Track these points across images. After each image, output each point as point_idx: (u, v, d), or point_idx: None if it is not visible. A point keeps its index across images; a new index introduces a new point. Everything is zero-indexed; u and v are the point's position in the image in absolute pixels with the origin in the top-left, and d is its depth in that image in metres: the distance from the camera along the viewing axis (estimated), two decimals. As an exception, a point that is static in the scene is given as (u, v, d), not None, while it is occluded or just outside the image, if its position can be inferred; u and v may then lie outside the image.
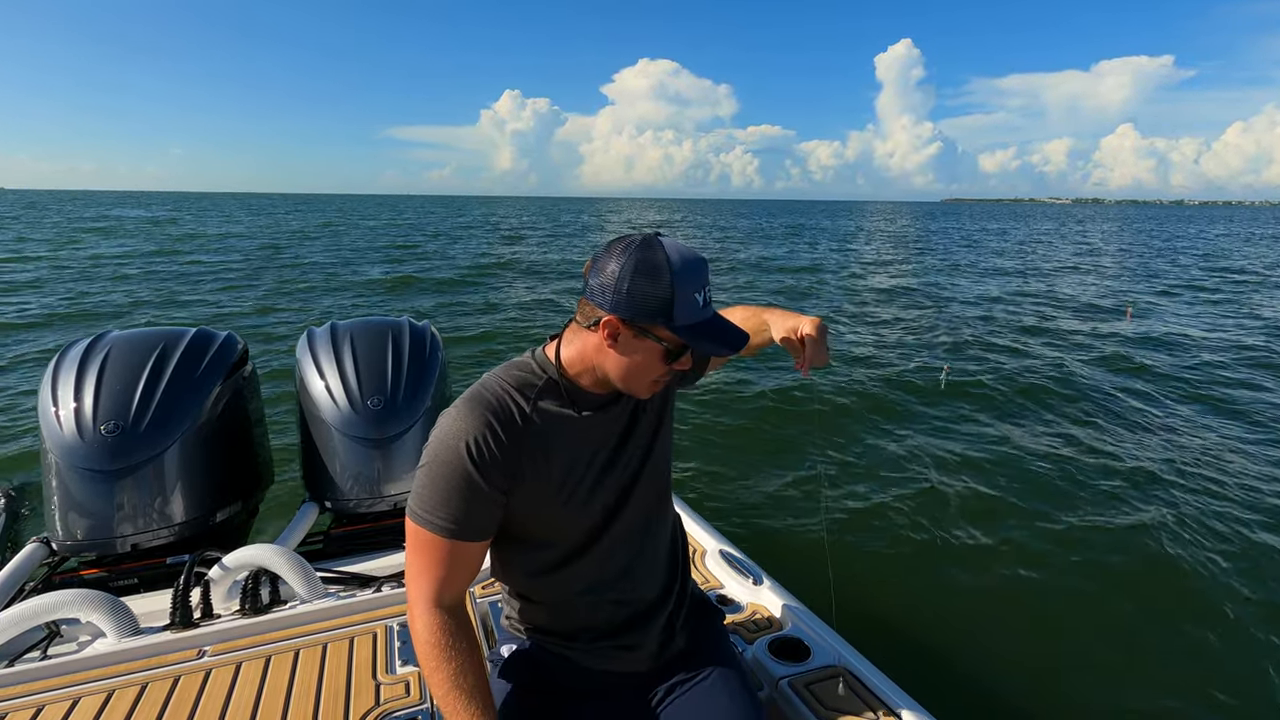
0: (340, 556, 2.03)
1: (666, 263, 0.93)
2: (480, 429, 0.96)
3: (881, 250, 23.71)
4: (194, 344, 2.04)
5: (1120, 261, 19.99)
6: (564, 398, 1.04)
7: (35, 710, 1.28)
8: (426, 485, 0.97)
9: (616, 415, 1.09)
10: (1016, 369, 7.25)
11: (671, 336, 0.96)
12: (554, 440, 1.02)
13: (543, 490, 1.02)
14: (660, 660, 1.16)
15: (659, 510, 1.17)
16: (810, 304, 12.08)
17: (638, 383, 1.01)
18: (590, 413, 1.05)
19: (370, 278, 13.98)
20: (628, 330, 0.96)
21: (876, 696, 1.31)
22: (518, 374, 1.04)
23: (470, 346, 8.17)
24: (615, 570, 1.11)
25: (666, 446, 1.18)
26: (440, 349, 2.34)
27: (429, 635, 0.97)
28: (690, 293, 0.94)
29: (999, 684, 2.48)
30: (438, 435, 0.98)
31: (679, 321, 0.94)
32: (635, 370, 0.99)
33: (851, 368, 7.35)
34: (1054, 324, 9.99)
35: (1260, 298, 12.86)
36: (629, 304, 0.93)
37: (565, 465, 1.03)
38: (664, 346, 0.97)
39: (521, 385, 1.02)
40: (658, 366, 0.99)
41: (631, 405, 1.10)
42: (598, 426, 1.06)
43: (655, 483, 1.15)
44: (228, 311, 9.90)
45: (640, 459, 1.11)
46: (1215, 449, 4.92)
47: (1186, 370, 7.17)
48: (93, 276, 13.12)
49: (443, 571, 0.98)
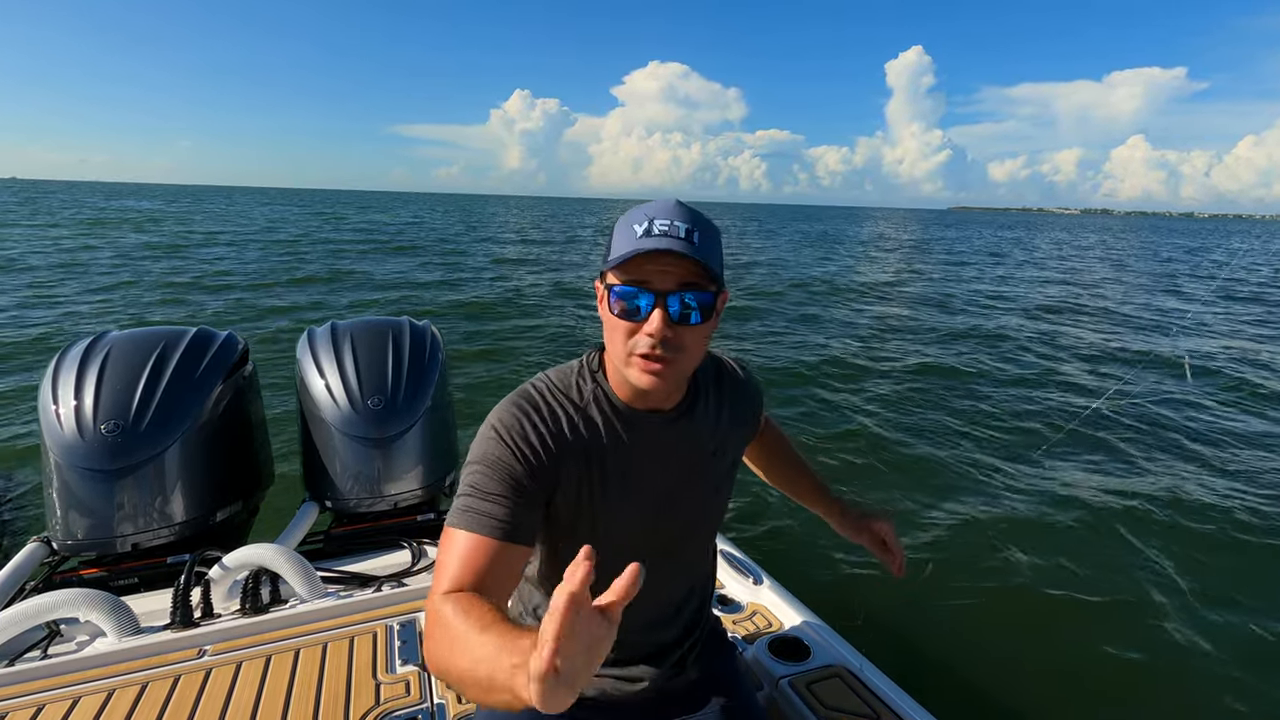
0: (340, 556, 2.03)
1: (632, 210, 0.87)
2: (526, 431, 0.90)
3: (910, 261, 22.24)
4: (194, 343, 2.04)
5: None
6: (608, 410, 0.96)
7: (35, 710, 1.28)
8: (473, 478, 0.88)
9: (667, 441, 0.99)
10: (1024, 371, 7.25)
11: (608, 277, 0.86)
12: (598, 452, 0.94)
13: (576, 507, 0.95)
14: (666, 690, 1.12)
15: (697, 560, 1.12)
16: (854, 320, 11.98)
17: (617, 353, 0.88)
18: (636, 430, 0.96)
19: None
20: (600, 291, 0.89)
21: (877, 696, 1.31)
22: (568, 379, 0.98)
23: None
24: (631, 611, 1.05)
25: (721, 503, 1.10)
26: (440, 349, 2.34)
27: (436, 618, 0.76)
28: (630, 224, 0.84)
29: (999, 684, 2.48)
30: (486, 431, 0.92)
31: (612, 254, 0.84)
32: (608, 337, 0.90)
33: (867, 374, 7.36)
34: (1102, 342, 9.98)
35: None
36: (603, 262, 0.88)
37: (605, 485, 0.95)
38: (605, 289, 0.87)
39: (573, 391, 0.96)
40: (612, 320, 0.86)
41: (688, 444, 1.01)
42: (646, 447, 0.97)
43: (697, 534, 1.07)
44: (231, 311, 9.91)
45: (687, 505, 1.02)
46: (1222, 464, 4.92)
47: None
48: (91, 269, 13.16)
49: (473, 569, 0.82)
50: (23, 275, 12.16)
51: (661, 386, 0.88)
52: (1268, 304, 13.52)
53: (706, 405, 1.04)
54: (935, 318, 10.96)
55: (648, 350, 0.84)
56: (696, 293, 0.84)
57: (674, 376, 0.88)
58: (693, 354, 0.88)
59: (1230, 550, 3.49)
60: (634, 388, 0.92)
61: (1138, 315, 11.74)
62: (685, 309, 0.84)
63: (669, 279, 0.83)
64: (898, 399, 6.17)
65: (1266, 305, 13.33)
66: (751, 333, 9.47)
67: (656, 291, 0.83)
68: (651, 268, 0.83)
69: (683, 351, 0.86)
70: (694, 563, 1.12)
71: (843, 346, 8.54)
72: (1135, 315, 11.73)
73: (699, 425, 1.02)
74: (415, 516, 2.19)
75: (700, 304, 0.85)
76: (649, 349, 0.84)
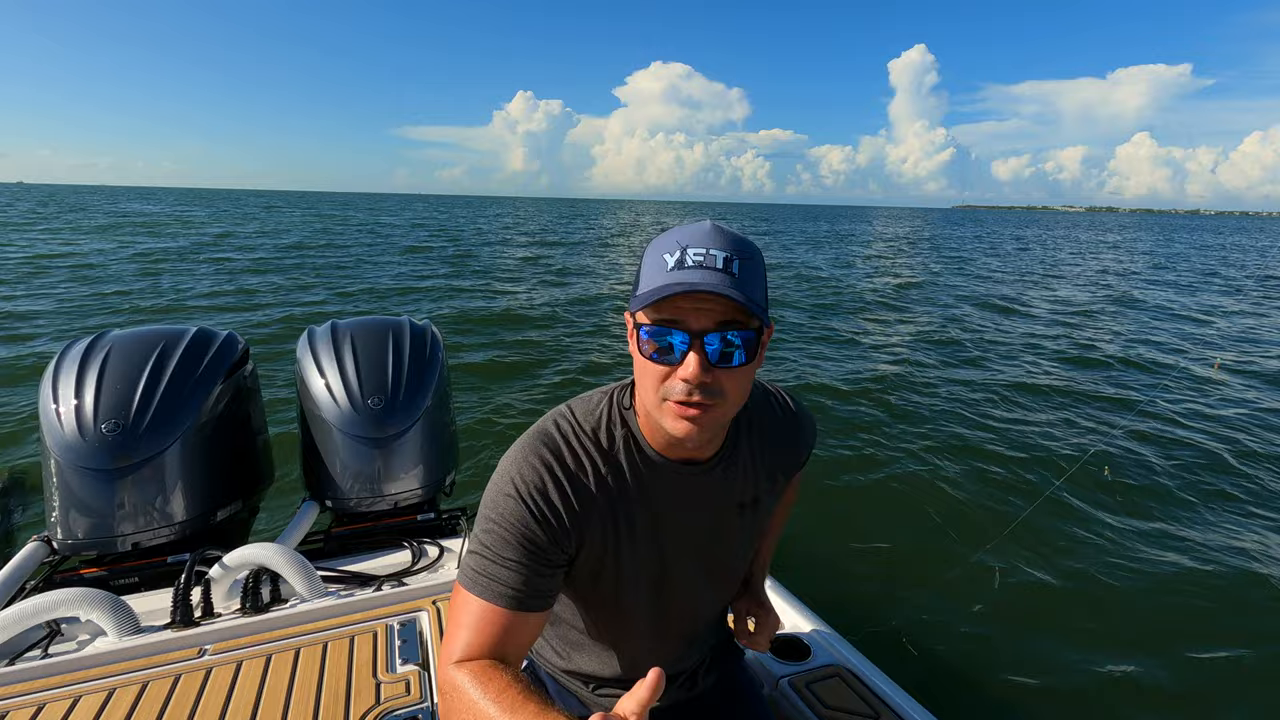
0: (341, 555, 2.04)
1: (662, 235, 0.78)
2: (548, 489, 0.83)
3: (927, 261, 21.85)
4: (194, 343, 2.04)
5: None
6: (638, 459, 0.88)
7: (36, 709, 1.28)
8: (488, 538, 0.83)
9: (702, 493, 0.91)
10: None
11: (638, 315, 0.77)
12: (627, 506, 0.87)
13: (598, 564, 0.90)
14: (681, 704, 1.11)
15: (724, 598, 1.07)
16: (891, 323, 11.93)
17: (650, 399, 0.80)
18: (668, 481, 0.89)
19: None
20: (630, 326, 0.81)
21: (877, 696, 1.31)
22: (596, 421, 0.89)
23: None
24: (660, 645, 1.02)
25: (753, 547, 1.04)
26: (441, 348, 2.34)
27: (451, 690, 0.78)
28: (660, 252, 0.75)
29: (999, 684, 2.48)
30: (501, 481, 0.84)
31: (641, 288, 0.76)
32: (639, 378, 0.81)
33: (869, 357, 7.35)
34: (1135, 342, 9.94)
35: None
36: (631, 297, 0.79)
37: (631, 542, 0.89)
38: (635, 328, 0.79)
39: (601, 434, 0.88)
40: (644, 365, 0.78)
41: (723, 496, 0.93)
42: (678, 499, 0.90)
43: (725, 581, 1.03)
44: (237, 310, 9.91)
45: (717, 557, 0.97)
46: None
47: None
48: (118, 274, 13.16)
49: (487, 638, 0.80)
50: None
51: (698, 435, 0.78)
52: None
53: (748, 453, 0.95)
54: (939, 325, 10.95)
55: (684, 397, 0.75)
56: (739, 331, 0.74)
57: (712, 424, 0.79)
58: (734, 399, 0.79)
59: (1232, 550, 3.49)
60: (667, 435, 0.82)
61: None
62: (726, 349, 0.75)
63: (706, 317, 0.74)
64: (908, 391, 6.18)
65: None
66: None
67: (692, 332, 0.74)
68: (687, 304, 0.73)
69: (722, 397, 0.77)
70: (719, 601, 1.07)
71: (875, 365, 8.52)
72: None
73: (736, 476, 0.94)
74: (415, 516, 2.20)
75: (744, 343, 0.75)
76: (685, 395, 0.75)
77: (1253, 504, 4.04)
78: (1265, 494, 4.20)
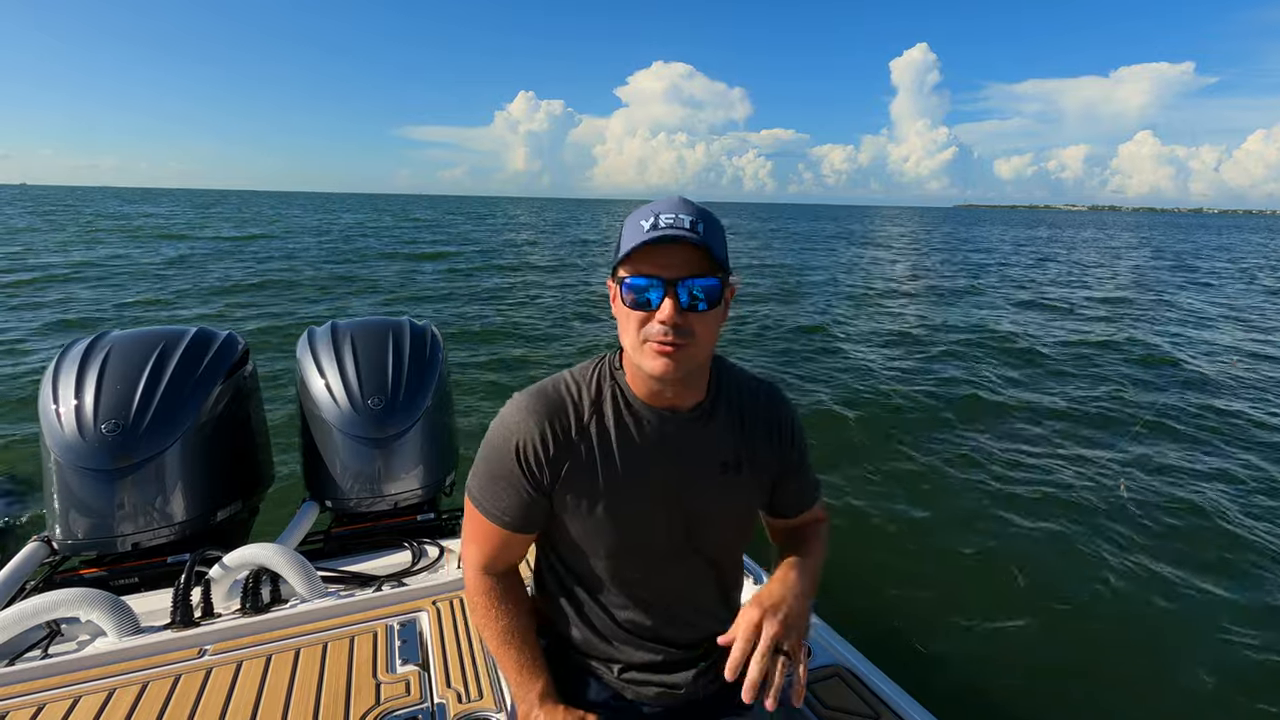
0: (341, 556, 2.03)
1: (639, 208, 0.92)
2: (531, 430, 0.96)
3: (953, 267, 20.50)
4: (194, 343, 2.04)
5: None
6: (623, 406, 1.00)
7: (36, 709, 1.28)
8: (481, 469, 1.02)
9: (681, 441, 1.00)
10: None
11: (619, 271, 0.91)
12: (606, 450, 0.98)
13: (585, 502, 0.99)
14: (698, 694, 1.10)
15: (725, 566, 1.11)
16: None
17: (631, 343, 0.92)
18: (649, 427, 0.99)
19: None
20: (612, 288, 0.94)
21: (877, 696, 1.31)
22: (588, 376, 1.02)
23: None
24: (658, 608, 1.06)
25: (749, 516, 1.10)
26: (441, 348, 2.34)
27: (476, 597, 1.05)
28: (637, 220, 0.90)
29: (999, 684, 2.48)
30: (498, 424, 1.00)
31: (622, 249, 0.89)
32: (622, 330, 0.93)
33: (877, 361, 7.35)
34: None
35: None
36: (613, 261, 0.93)
37: (613, 481, 0.98)
38: (617, 284, 0.92)
39: (589, 388, 1.01)
40: (625, 312, 0.91)
41: (704, 449, 1.01)
42: (658, 445, 0.99)
43: (717, 538, 1.06)
44: (239, 311, 9.91)
45: (702, 506, 1.02)
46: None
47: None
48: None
49: (491, 549, 1.04)
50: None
51: (674, 370, 0.90)
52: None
53: (729, 416, 1.04)
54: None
55: (661, 337, 0.88)
56: (704, 280, 0.88)
57: (686, 361, 0.91)
58: (703, 341, 0.91)
59: (1235, 552, 3.49)
60: (651, 385, 0.97)
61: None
62: (694, 297, 0.88)
63: (677, 269, 0.87)
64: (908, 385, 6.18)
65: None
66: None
67: (666, 280, 0.87)
68: (661, 259, 0.87)
69: (694, 337, 0.90)
70: (721, 568, 1.10)
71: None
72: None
73: (717, 433, 1.02)
74: (415, 516, 2.19)
75: (708, 290, 0.89)
76: (662, 335, 0.88)
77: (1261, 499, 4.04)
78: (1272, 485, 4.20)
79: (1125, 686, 2.52)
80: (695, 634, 1.09)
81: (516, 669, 1.02)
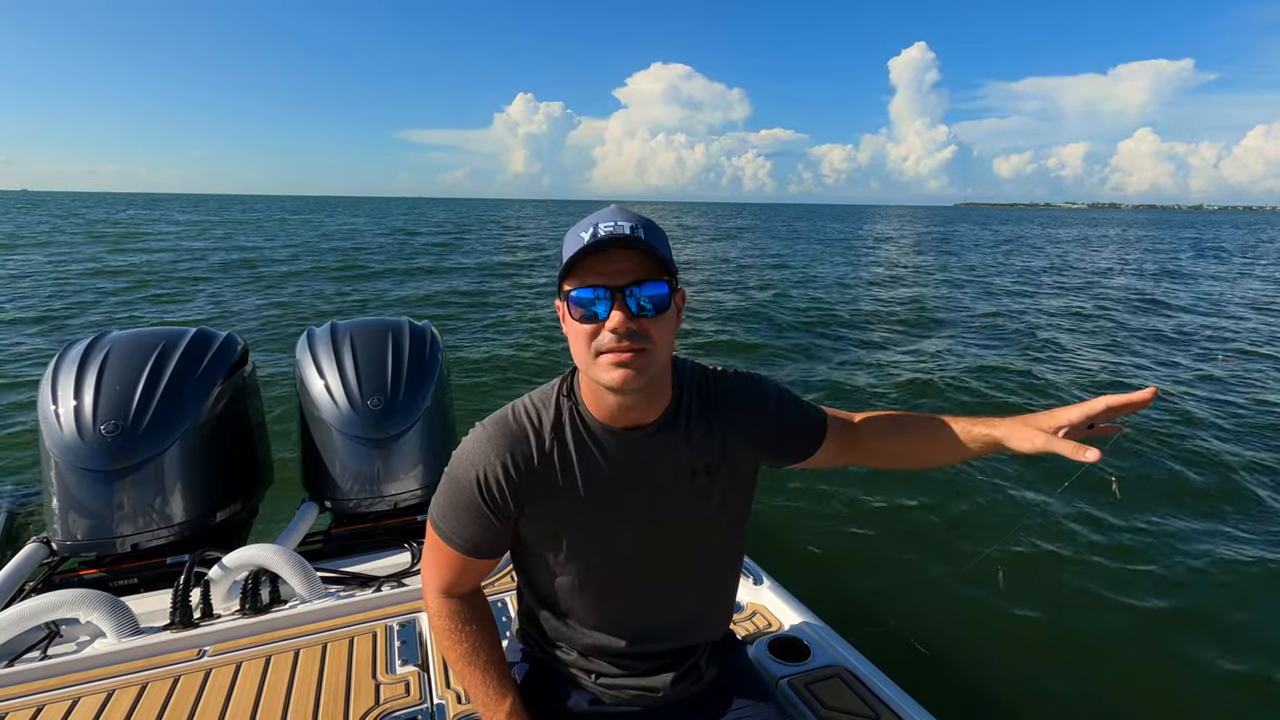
0: (340, 556, 2.03)
1: (577, 223, 0.89)
2: (493, 461, 0.95)
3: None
4: (194, 344, 2.04)
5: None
6: (582, 431, 0.97)
7: (35, 710, 1.28)
8: (444, 497, 0.99)
9: (646, 458, 0.98)
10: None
11: (564, 287, 0.88)
12: (568, 477, 0.96)
13: (550, 527, 0.99)
14: (683, 698, 1.11)
15: (711, 575, 1.10)
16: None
17: (584, 360, 0.89)
18: (612, 449, 0.97)
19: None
20: (560, 307, 0.91)
21: (877, 696, 1.31)
22: (548, 401, 0.99)
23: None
24: (632, 620, 1.06)
25: (732, 517, 1.07)
26: (440, 349, 2.34)
27: (439, 620, 1.04)
28: (576, 233, 0.87)
29: (999, 684, 2.48)
30: (460, 454, 0.98)
31: (564, 259, 0.87)
32: (574, 347, 0.90)
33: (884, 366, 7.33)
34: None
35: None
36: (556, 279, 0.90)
37: (577, 505, 0.97)
38: (564, 301, 0.89)
39: (549, 412, 0.98)
40: (574, 328, 0.88)
41: (671, 459, 0.99)
42: (622, 466, 0.97)
43: (701, 550, 1.06)
44: (241, 311, 9.90)
45: (680, 522, 1.01)
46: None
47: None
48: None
49: (452, 574, 1.03)
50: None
51: (634, 380, 0.86)
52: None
53: (690, 417, 1.00)
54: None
55: (614, 344, 0.85)
56: (651, 283, 0.85)
57: (645, 368, 0.87)
58: (660, 344, 0.88)
59: (1236, 549, 3.48)
60: (610, 402, 0.93)
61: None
62: (642, 306, 0.86)
63: (623, 276, 0.84)
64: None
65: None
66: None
67: (613, 289, 0.84)
68: (604, 268, 0.85)
69: (650, 341, 0.86)
70: (707, 577, 1.10)
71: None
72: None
73: (682, 438, 0.99)
74: (415, 516, 2.19)
75: (656, 295, 0.86)
76: (615, 343, 0.85)
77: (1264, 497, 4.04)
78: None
79: (1125, 686, 2.51)
80: (672, 642, 1.09)
81: (482, 689, 1.01)
